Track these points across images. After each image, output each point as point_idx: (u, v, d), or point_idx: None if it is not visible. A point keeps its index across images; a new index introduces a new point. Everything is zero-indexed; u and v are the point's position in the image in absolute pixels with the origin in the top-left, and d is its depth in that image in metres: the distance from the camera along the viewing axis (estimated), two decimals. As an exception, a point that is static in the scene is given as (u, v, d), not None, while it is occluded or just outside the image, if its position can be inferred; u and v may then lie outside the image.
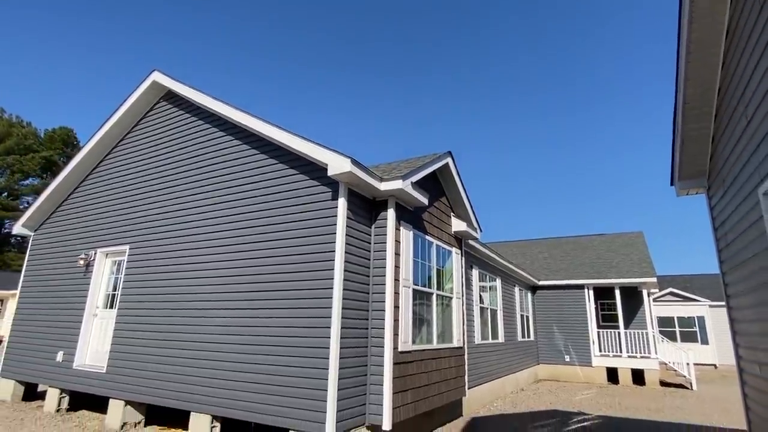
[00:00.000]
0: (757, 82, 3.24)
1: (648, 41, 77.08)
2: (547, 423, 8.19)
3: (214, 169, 6.93)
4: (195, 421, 5.87)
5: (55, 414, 7.66)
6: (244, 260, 6.05)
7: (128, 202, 7.88)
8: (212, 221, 6.59)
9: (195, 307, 6.32)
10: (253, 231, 6.11)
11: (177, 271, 6.72)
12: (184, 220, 6.94)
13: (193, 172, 7.17)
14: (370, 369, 5.55)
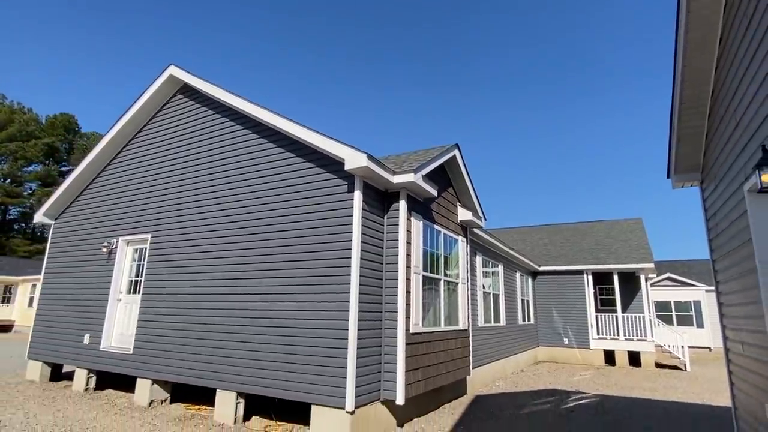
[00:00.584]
0: (745, 88, 3.55)
1: (645, 31, 76.33)
2: (547, 401, 8.68)
3: (232, 160, 7.25)
4: (221, 397, 6.32)
5: (83, 393, 8.14)
6: (264, 248, 6.42)
7: (149, 193, 8.22)
8: (232, 210, 6.95)
9: (218, 292, 6.72)
10: (272, 220, 6.46)
11: (200, 257, 7.10)
12: (204, 208, 7.29)
13: (212, 162, 7.49)
14: (384, 349, 5.98)
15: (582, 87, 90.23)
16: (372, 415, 5.68)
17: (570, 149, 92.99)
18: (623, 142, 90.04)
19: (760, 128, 3.27)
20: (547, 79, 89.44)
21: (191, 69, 8.00)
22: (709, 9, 3.97)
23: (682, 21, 4.14)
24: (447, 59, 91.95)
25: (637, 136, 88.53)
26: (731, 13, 3.79)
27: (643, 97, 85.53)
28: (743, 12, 3.46)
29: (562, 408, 8.02)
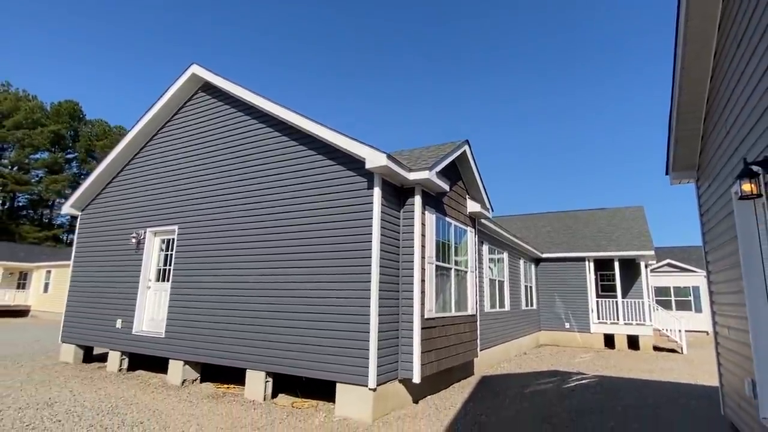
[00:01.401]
0: (735, 101, 3.96)
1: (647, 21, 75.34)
2: (549, 381, 9.26)
3: (255, 155, 7.69)
4: (251, 376, 6.88)
5: (117, 373, 8.74)
6: (289, 239, 6.90)
7: (174, 186, 8.67)
8: (257, 202, 7.41)
9: (246, 279, 7.23)
10: (296, 213, 6.93)
11: (228, 247, 7.60)
12: (231, 201, 7.75)
13: (235, 157, 7.93)
14: (401, 333, 6.50)
15: (582, 75, 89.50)
16: (391, 392, 6.24)
17: (571, 136, 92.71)
18: (624, 129, 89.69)
19: (746, 139, 3.69)
20: (548, 65, 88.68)
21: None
22: (704, 27, 4.36)
23: (680, 34, 4.52)
24: (447, 47, 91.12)
25: (639, 123, 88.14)
26: (723, 32, 4.18)
27: (645, 85, 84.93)
28: (733, 35, 3.85)
29: (563, 387, 8.59)
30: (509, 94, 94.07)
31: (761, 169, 3.16)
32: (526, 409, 6.75)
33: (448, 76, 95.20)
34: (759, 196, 3.22)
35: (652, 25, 77.83)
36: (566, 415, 6.46)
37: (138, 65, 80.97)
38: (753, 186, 3.19)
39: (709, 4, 4.16)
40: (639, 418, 6.34)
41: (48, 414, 5.86)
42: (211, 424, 5.58)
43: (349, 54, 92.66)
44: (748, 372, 4.13)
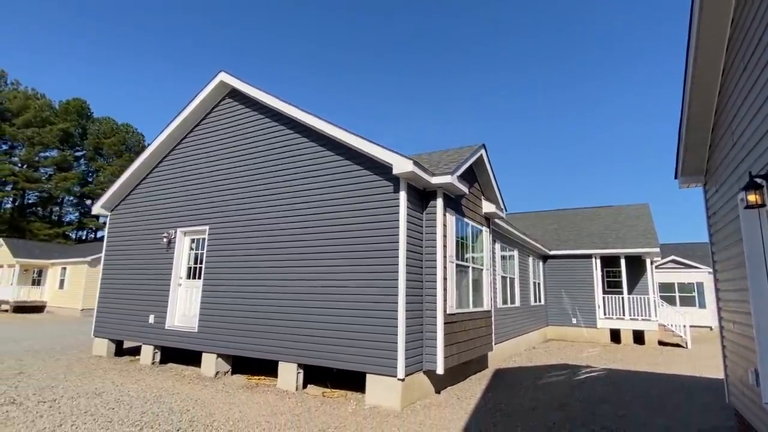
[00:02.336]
0: (741, 117, 4.35)
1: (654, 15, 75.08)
2: (560, 373, 9.70)
3: (282, 158, 8.11)
4: (283, 368, 7.34)
5: (151, 366, 9.22)
6: (319, 239, 7.33)
7: (204, 188, 9.11)
8: (287, 204, 7.84)
9: (279, 277, 7.66)
10: (325, 215, 7.35)
11: (259, 246, 8.03)
12: (261, 202, 8.18)
13: (264, 161, 8.35)
14: (425, 327, 6.94)
15: (586, 68, 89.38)
16: (417, 383, 6.69)
17: (577, 131, 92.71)
18: (630, 126, 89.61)
19: (752, 152, 4.08)
20: (550, 60, 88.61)
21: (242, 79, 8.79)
22: (714, 47, 4.74)
23: (691, 52, 4.90)
24: (448, 43, 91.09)
25: (645, 120, 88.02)
26: (731, 53, 4.56)
27: (651, 79, 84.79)
28: (740, 57, 4.24)
29: (574, 379, 9.03)
30: (510, 89, 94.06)
31: (765, 181, 3.55)
32: (540, 399, 7.19)
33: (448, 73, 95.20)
34: (763, 206, 3.62)
35: (658, 18, 77.63)
36: (578, 404, 6.90)
37: (141, 63, 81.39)
38: (757, 197, 3.58)
39: (719, 28, 4.54)
40: (647, 407, 6.77)
41: (99, 402, 6.32)
42: (252, 411, 6.03)
43: (346, 51, 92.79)
44: (752, 363, 4.54)
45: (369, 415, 6.01)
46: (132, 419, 5.56)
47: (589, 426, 5.74)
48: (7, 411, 5.76)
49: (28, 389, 6.95)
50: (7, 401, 6.22)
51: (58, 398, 6.47)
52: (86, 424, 5.30)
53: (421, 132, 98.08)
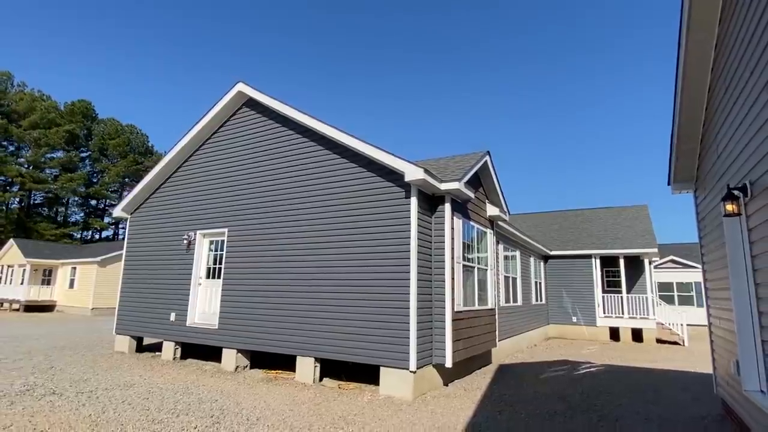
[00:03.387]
0: (724, 133, 4.83)
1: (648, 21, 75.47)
2: (561, 368, 10.18)
3: (297, 164, 8.59)
4: (301, 362, 7.83)
5: (172, 361, 9.71)
6: (334, 241, 7.81)
7: (223, 193, 9.60)
8: (303, 208, 8.32)
9: (296, 277, 8.14)
10: (339, 218, 7.83)
11: (276, 247, 8.51)
12: (278, 207, 8.66)
13: (279, 166, 8.84)
14: (434, 324, 7.42)
15: (582, 69, 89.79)
16: (427, 376, 7.18)
17: (576, 130, 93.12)
18: (628, 126, 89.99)
19: (731, 166, 4.56)
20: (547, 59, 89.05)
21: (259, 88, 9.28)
22: (700, 69, 5.22)
23: (680, 71, 5.38)
24: (447, 41, 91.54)
25: (643, 121, 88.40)
26: (715, 75, 5.04)
27: (648, 81, 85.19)
28: (722, 79, 4.72)
29: (574, 374, 9.51)
30: (508, 87, 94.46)
31: (741, 193, 4.03)
32: (543, 391, 7.67)
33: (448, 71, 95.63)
34: (740, 215, 4.09)
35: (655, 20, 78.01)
36: (578, 395, 7.38)
37: (143, 64, 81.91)
38: (734, 206, 4.05)
39: (704, 54, 5.02)
40: (642, 398, 7.25)
41: (133, 393, 6.81)
42: (276, 401, 6.52)
43: (341, 50, 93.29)
44: (734, 355, 5.02)
45: (384, 404, 6.50)
46: (167, 407, 6.05)
47: (588, 414, 6.22)
48: (51, 400, 6.25)
49: (64, 382, 7.45)
50: (48, 392, 6.72)
51: (94, 389, 6.97)
52: (126, 412, 5.79)
53: (421, 130, 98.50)
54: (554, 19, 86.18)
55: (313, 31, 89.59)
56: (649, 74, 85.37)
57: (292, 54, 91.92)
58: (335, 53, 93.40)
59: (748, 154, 3.98)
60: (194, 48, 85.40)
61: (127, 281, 11.01)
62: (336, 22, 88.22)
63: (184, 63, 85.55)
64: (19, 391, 6.70)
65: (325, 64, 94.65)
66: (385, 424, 5.53)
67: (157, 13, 78.17)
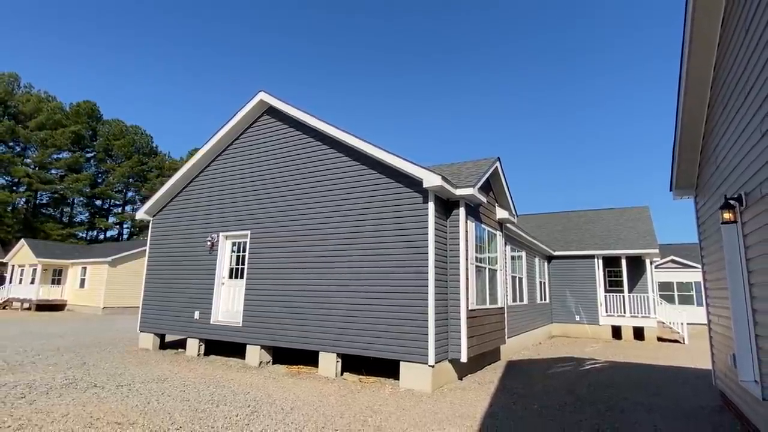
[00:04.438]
0: (722, 146, 5.28)
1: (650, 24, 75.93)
2: (567, 365, 10.65)
3: (318, 169, 9.06)
4: (324, 357, 8.29)
5: (197, 357, 10.18)
6: (354, 244, 8.28)
7: (245, 197, 10.06)
8: (324, 212, 8.78)
9: (319, 276, 8.60)
10: (359, 222, 8.29)
11: (298, 248, 8.98)
12: (300, 210, 9.12)
13: (300, 171, 9.30)
14: (449, 321, 7.89)
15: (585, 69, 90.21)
16: (443, 370, 7.65)
17: (578, 130, 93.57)
18: (629, 126, 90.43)
19: (728, 178, 5.02)
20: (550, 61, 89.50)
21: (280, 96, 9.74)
22: (700, 86, 5.68)
23: (682, 85, 5.84)
24: (448, 42, 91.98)
25: (642, 121, 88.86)
26: (714, 91, 5.50)
27: (649, 82, 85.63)
28: (720, 97, 5.18)
29: (580, 369, 9.98)
30: (508, 88, 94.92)
31: (737, 203, 4.48)
32: (552, 385, 8.14)
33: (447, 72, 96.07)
34: (736, 222, 4.55)
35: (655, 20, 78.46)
36: (585, 389, 7.85)
37: (146, 65, 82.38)
38: (731, 215, 4.51)
39: (704, 73, 5.48)
40: (646, 392, 7.72)
41: (168, 386, 7.28)
42: (303, 393, 6.98)
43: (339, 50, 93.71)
44: (732, 349, 5.48)
45: (405, 396, 6.97)
46: (204, 398, 6.51)
47: (596, 405, 6.68)
48: (96, 392, 6.72)
49: (101, 376, 7.91)
50: (90, 385, 7.18)
51: (131, 383, 7.43)
52: (168, 402, 6.26)
53: (427, 131, 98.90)
54: (554, 19, 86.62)
55: (313, 31, 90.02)
56: (647, 74, 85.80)
57: (292, 54, 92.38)
58: (335, 53, 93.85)
59: (743, 167, 4.44)
60: (195, 48, 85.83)
61: (151, 281, 11.47)
62: (335, 22, 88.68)
63: (185, 63, 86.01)
64: (62, 384, 7.16)
65: (325, 63, 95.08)
66: (409, 413, 6.00)
67: (157, 13, 78.61)
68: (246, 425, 5.33)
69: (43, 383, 7.18)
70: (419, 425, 5.51)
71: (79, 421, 5.27)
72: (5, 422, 5.15)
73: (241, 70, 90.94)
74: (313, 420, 5.58)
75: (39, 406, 5.87)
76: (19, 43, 68.89)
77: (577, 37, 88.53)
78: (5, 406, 5.81)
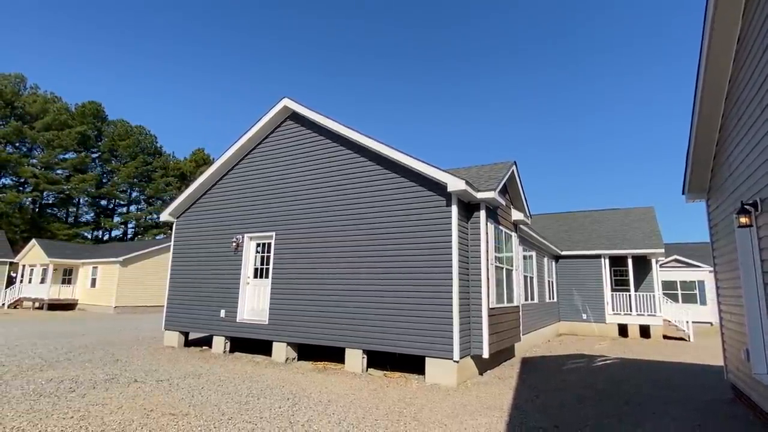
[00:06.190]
0: (737, 155, 5.64)
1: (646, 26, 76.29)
2: (579, 361, 11.02)
3: (342, 173, 9.42)
4: (350, 353, 8.66)
5: (223, 354, 10.54)
6: (380, 245, 8.64)
7: (269, 199, 10.42)
8: (349, 213, 9.14)
9: (344, 277, 8.96)
10: (385, 224, 8.65)
11: (323, 248, 9.34)
12: (325, 212, 9.48)
13: (324, 174, 9.66)
14: (471, 319, 8.25)
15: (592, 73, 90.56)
16: (466, 365, 8.01)
17: (581, 133, 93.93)
18: (634, 128, 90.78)
19: (743, 184, 5.39)
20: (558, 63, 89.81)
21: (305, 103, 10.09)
22: (715, 97, 6.04)
23: (698, 97, 6.20)
24: (455, 47, 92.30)
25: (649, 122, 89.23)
26: (729, 102, 5.86)
27: (654, 86, 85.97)
28: (735, 111, 5.54)
29: (592, 366, 10.35)
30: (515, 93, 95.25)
31: (753, 208, 4.85)
32: (568, 380, 8.51)
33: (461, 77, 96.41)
34: (751, 226, 4.91)
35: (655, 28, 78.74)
36: (601, 383, 8.22)
37: (149, 65, 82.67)
38: (747, 219, 4.87)
39: (719, 86, 5.84)
40: (659, 386, 8.09)
41: (205, 382, 7.64)
42: (335, 388, 7.35)
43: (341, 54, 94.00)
44: (745, 344, 5.85)
45: (432, 390, 7.34)
46: (243, 392, 6.88)
47: (613, 399, 7.05)
48: (140, 387, 7.08)
49: (138, 372, 8.27)
50: (131, 380, 7.54)
51: (169, 378, 7.79)
52: (211, 396, 6.62)
53: (437, 134, 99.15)
54: (560, 23, 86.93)
55: (317, 33, 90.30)
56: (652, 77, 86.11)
57: (294, 56, 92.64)
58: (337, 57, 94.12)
59: (759, 175, 4.80)
60: (199, 48, 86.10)
61: (175, 280, 11.83)
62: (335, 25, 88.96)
63: (189, 64, 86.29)
64: (105, 380, 7.53)
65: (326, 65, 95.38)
66: (440, 405, 6.37)
67: (161, 11, 78.88)
68: (291, 415, 5.70)
69: (86, 379, 7.54)
70: (452, 416, 5.88)
71: (135, 412, 5.64)
72: (67, 414, 5.52)
73: (245, 71, 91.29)
74: (352, 411, 5.95)
75: (91, 399, 6.23)
76: (25, 43, 69.26)
77: (580, 41, 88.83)
78: (60, 399, 6.17)
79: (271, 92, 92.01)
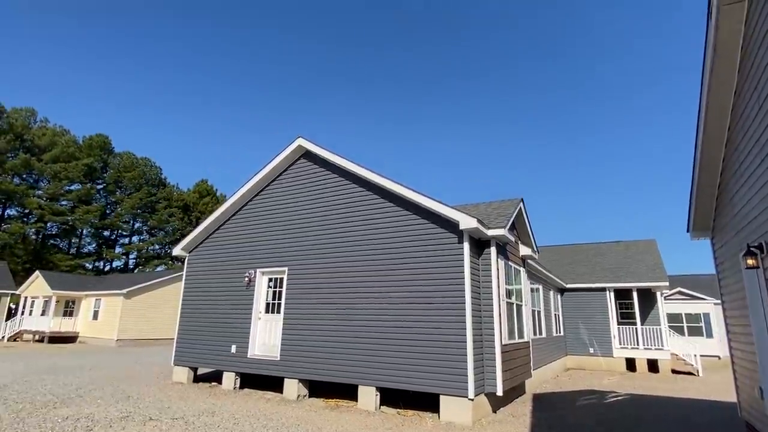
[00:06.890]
0: (740, 196, 5.92)
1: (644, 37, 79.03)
2: (590, 397, 10.97)
3: (353, 211, 9.70)
4: (363, 390, 8.67)
5: (233, 391, 10.50)
6: (392, 281, 8.81)
7: (282, 235, 10.65)
8: (362, 250, 9.34)
9: (355, 312, 9.08)
10: (396, 260, 8.85)
11: (336, 284, 9.49)
12: (337, 249, 9.69)
13: (337, 211, 9.93)
14: (485, 356, 8.32)
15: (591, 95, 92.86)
16: (481, 403, 8.03)
17: (580, 155, 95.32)
18: (634, 155, 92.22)
19: (747, 226, 5.64)
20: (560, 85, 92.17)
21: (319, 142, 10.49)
22: (714, 148, 6.39)
23: (700, 130, 6.54)
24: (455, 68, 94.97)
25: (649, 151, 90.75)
26: (731, 136, 6.19)
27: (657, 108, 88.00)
28: (736, 156, 5.86)
29: (604, 402, 10.31)
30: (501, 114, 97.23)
31: (758, 250, 5.08)
32: (582, 416, 8.50)
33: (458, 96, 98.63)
34: (758, 267, 5.13)
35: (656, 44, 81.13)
36: (615, 420, 8.20)
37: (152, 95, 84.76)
38: (754, 261, 5.10)
39: (719, 133, 6.20)
40: (673, 422, 8.08)
41: (219, 419, 7.64)
42: (349, 426, 7.35)
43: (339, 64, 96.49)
44: (756, 381, 5.95)
45: (447, 428, 7.34)
46: (259, 430, 6.89)
47: (629, 437, 7.07)
48: (156, 425, 7.09)
49: (150, 409, 8.26)
50: (146, 418, 7.55)
51: (184, 416, 7.79)
52: (229, 435, 6.64)
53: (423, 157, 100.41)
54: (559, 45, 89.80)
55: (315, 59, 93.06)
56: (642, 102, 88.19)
57: (293, 82, 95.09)
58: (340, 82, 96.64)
59: (763, 219, 5.05)
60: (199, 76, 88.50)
61: (186, 315, 11.90)
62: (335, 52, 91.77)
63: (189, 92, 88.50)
64: (120, 417, 7.54)
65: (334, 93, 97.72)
66: (458, 445, 6.38)
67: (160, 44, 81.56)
68: (312, 456, 5.72)
69: (101, 417, 7.54)
70: (471, 456, 5.90)
71: (157, 452, 5.66)
72: (90, 453, 5.55)
73: (245, 99, 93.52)
74: (372, 451, 5.97)
75: (111, 438, 6.26)
76: (36, 75, 71.31)
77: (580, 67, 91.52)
78: (80, 438, 6.20)
79: (272, 119, 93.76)
